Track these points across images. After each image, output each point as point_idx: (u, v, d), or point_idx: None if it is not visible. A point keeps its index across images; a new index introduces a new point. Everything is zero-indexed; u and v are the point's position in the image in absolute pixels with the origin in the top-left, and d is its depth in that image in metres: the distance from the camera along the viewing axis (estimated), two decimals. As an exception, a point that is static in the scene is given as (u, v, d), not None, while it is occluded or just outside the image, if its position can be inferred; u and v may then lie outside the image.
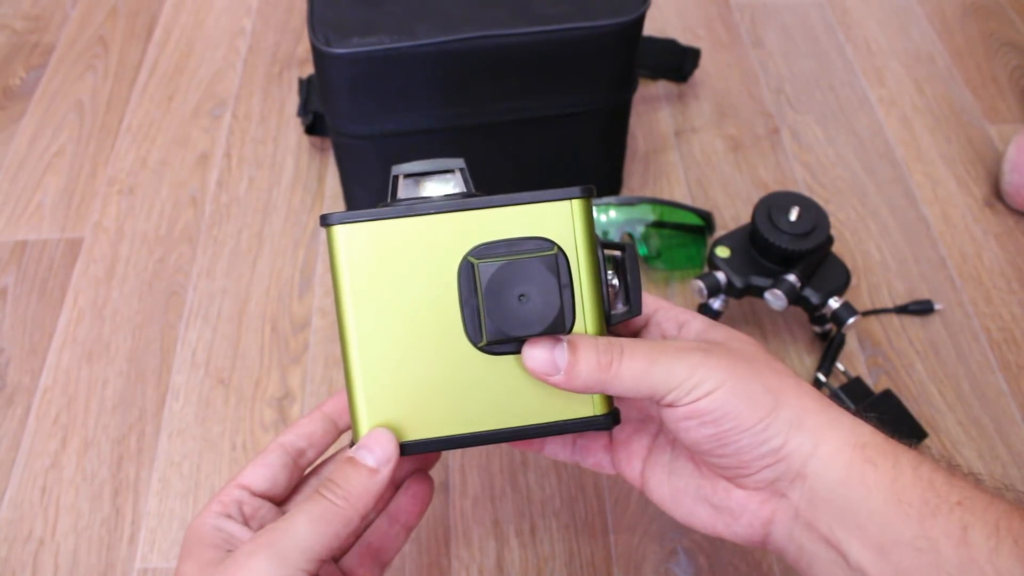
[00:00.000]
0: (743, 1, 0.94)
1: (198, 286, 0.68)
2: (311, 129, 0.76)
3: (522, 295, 0.33)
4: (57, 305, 0.67)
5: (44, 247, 0.71)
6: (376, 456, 0.34)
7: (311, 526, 0.32)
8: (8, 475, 0.58)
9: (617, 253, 0.37)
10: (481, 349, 0.34)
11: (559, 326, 0.33)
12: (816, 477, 0.33)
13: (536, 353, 0.33)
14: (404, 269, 0.34)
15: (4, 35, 0.90)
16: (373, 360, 0.34)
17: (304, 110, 0.77)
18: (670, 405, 0.33)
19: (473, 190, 0.36)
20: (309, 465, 0.39)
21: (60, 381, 0.63)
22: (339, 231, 0.33)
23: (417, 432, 0.34)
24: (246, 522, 0.35)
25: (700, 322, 0.38)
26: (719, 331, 0.37)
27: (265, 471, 0.37)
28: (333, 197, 0.74)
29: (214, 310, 0.67)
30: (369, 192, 0.68)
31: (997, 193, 0.75)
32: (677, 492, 0.37)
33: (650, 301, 0.40)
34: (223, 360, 0.64)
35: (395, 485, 0.40)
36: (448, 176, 0.36)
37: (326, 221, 0.34)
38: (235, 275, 0.69)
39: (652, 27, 0.89)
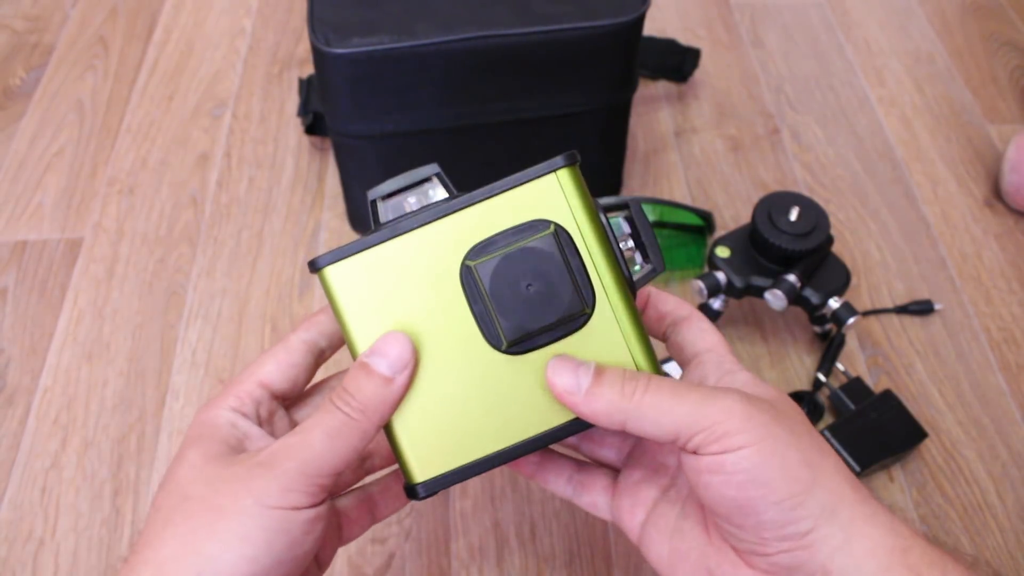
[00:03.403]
0: (743, 1, 0.94)
1: (198, 286, 0.68)
2: (311, 129, 0.76)
3: (529, 284, 0.31)
4: (57, 305, 0.67)
5: (44, 247, 0.71)
6: (391, 362, 0.31)
7: (328, 442, 0.30)
8: (8, 475, 0.58)
9: (622, 212, 0.35)
10: (506, 352, 0.32)
11: (576, 305, 0.32)
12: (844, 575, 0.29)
13: (559, 369, 0.31)
14: (406, 292, 0.32)
15: (4, 35, 0.90)
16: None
17: (304, 110, 0.77)
18: (694, 452, 0.30)
19: (455, 192, 0.34)
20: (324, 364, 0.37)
21: (60, 381, 0.63)
22: (329, 272, 0.32)
23: (462, 456, 0.33)
24: (260, 424, 0.34)
25: (748, 375, 0.34)
26: (765, 388, 0.33)
27: (288, 371, 0.35)
28: (333, 197, 0.74)
29: (214, 310, 0.67)
30: (369, 192, 0.68)
31: (997, 193, 0.75)
32: (677, 555, 0.33)
33: (709, 339, 0.36)
34: (223, 360, 0.64)
35: None
36: (427, 185, 0.34)
37: (314, 266, 0.32)
38: (235, 275, 0.69)
39: (652, 27, 0.89)
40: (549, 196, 0.32)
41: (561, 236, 0.32)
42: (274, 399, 0.35)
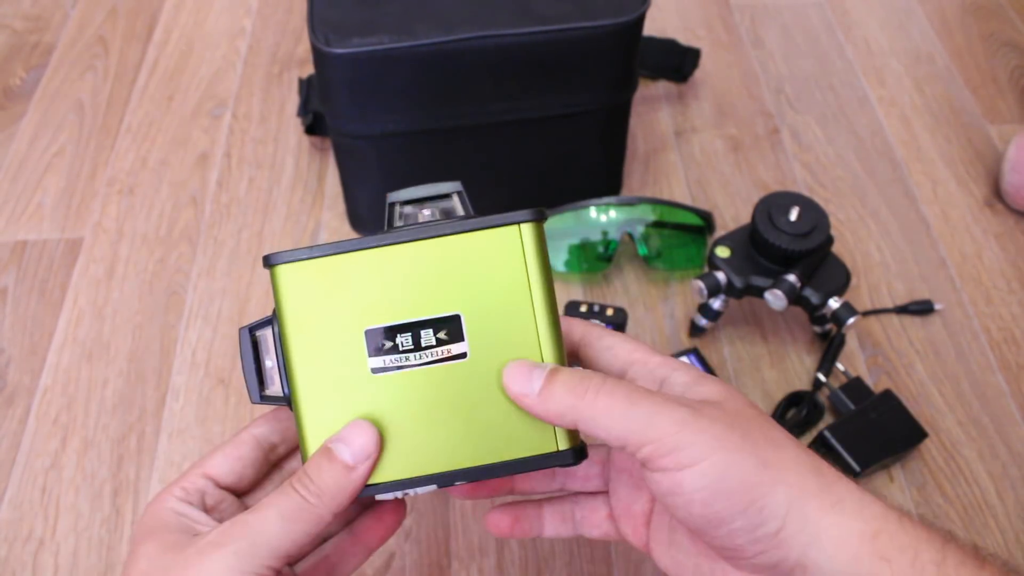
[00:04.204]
0: (743, 1, 0.94)
1: (198, 286, 0.68)
2: (311, 129, 0.76)
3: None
4: (57, 305, 0.67)
5: (44, 247, 0.71)
6: (354, 451, 0.31)
7: (281, 523, 0.30)
8: (8, 475, 0.58)
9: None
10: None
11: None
12: (818, 569, 0.29)
13: (514, 373, 0.31)
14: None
15: (4, 35, 0.90)
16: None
17: (304, 110, 0.77)
18: (646, 463, 0.30)
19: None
20: (279, 460, 0.38)
21: (60, 381, 0.63)
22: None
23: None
24: (207, 512, 0.34)
25: (685, 374, 0.33)
26: (709, 386, 0.32)
27: (235, 464, 0.35)
28: (333, 197, 0.74)
29: (214, 310, 0.67)
30: (369, 192, 0.68)
31: (997, 193, 0.75)
32: (678, 565, 0.34)
33: (623, 353, 0.35)
34: (223, 360, 0.64)
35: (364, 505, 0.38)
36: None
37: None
38: (235, 275, 0.69)
39: (652, 27, 0.89)
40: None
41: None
42: (220, 489, 0.35)
